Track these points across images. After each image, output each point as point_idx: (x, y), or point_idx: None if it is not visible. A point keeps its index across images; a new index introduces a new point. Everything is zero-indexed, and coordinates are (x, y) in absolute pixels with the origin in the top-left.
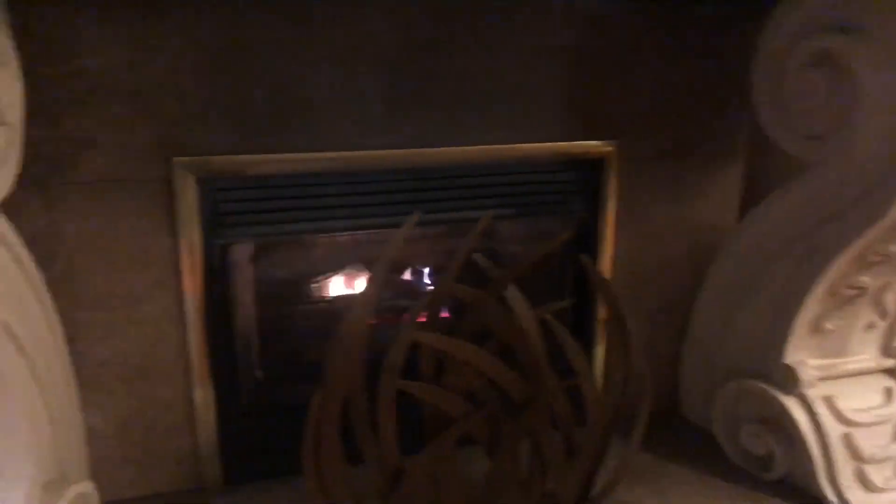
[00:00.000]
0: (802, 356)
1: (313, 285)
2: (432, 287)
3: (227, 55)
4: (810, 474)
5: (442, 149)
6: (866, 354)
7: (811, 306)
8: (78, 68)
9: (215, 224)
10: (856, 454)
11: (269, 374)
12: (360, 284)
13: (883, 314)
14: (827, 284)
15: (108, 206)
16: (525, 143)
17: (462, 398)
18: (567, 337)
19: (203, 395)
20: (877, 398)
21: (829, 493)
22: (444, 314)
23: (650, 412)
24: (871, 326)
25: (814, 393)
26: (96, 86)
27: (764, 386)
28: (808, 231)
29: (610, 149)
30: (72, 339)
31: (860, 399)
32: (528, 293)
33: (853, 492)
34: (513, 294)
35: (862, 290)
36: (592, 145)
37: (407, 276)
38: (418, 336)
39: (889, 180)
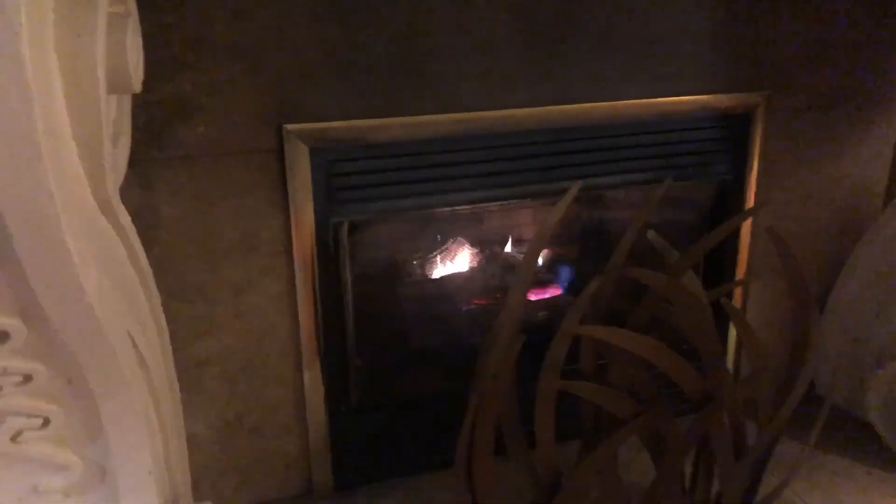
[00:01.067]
0: None
1: (420, 263)
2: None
3: (344, 3)
4: None
5: (582, 105)
6: None
7: None
8: (174, 20)
9: (330, 200)
10: None
11: (383, 366)
12: (466, 261)
13: None
14: None
15: (210, 182)
16: (670, 96)
17: (629, 398)
18: (748, 327)
19: (314, 392)
20: None
21: None
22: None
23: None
24: None
25: None
26: (195, 40)
27: None
28: None
29: (758, 102)
30: (170, 337)
31: None
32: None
33: None
34: (693, 282)
35: None
36: (741, 98)
37: (511, 250)
38: (584, 330)
39: None
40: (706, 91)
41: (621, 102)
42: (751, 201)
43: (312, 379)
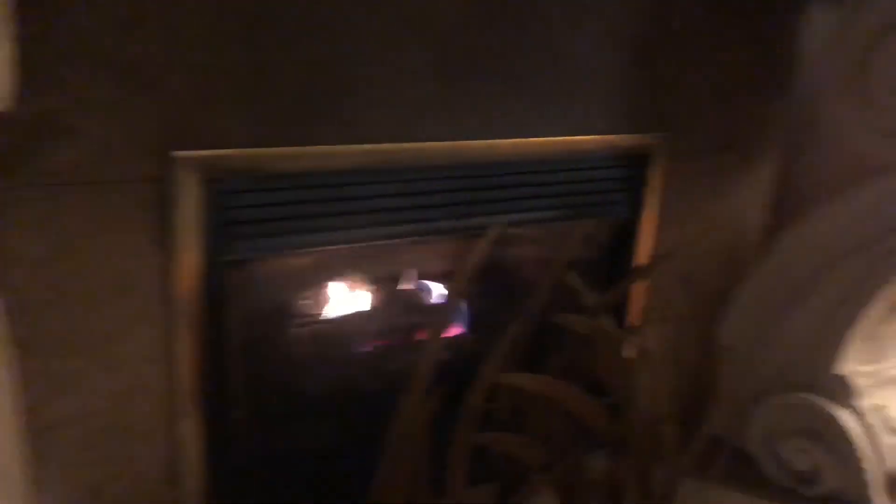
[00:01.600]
0: (852, 365)
1: (316, 304)
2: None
3: (250, 20)
4: (862, 488)
5: (493, 141)
6: None
7: (871, 313)
8: (46, 29)
9: (223, 236)
10: None
11: (273, 418)
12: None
13: None
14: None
15: (79, 215)
16: (577, 135)
17: (544, 448)
18: (658, 372)
19: (191, 451)
20: None
21: None
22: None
23: None
24: None
25: (866, 403)
26: (71, 54)
27: (813, 398)
28: (880, 235)
29: (656, 143)
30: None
31: None
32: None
33: None
34: (610, 325)
35: None
36: (641, 139)
37: (412, 287)
38: (509, 379)
39: None
40: (610, 131)
41: (531, 140)
42: (646, 240)
43: (189, 439)
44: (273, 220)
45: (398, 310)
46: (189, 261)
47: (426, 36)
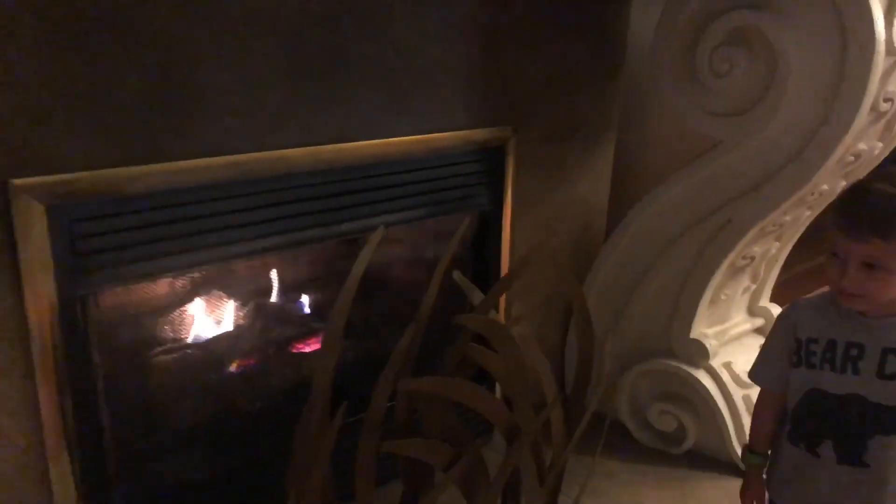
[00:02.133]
0: (702, 328)
1: (182, 328)
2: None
3: (83, 26)
4: (720, 439)
5: (354, 143)
6: (740, 317)
7: (716, 280)
8: None
9: (76, 268)
10: None
11: (150, 455)
12: (232, 318)
13: (755, 279)
14: (733, 257)
15: None
16: (435, 132)
17: (446, 446)
18: (541, 358)
19: (68, 499)
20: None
21: (740, 452)
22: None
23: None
24: (745, 290)
25: (716, 362)
26: None
27: (673, 363)
28: (717, 207)
29: (509, 135)
30: None
31: (746, 360)
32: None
33: None
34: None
35: (752, 259)
36: (494, 131)
37: (277, 300)
38: (407, 384)
39: (806, 152)
40: (466, 126)
41: (392, 139)
42: (507, 229)
43: (63, 487)
44: (128, 246)
45: (269, 324)
46: (41, 299)
47: (271, 37)
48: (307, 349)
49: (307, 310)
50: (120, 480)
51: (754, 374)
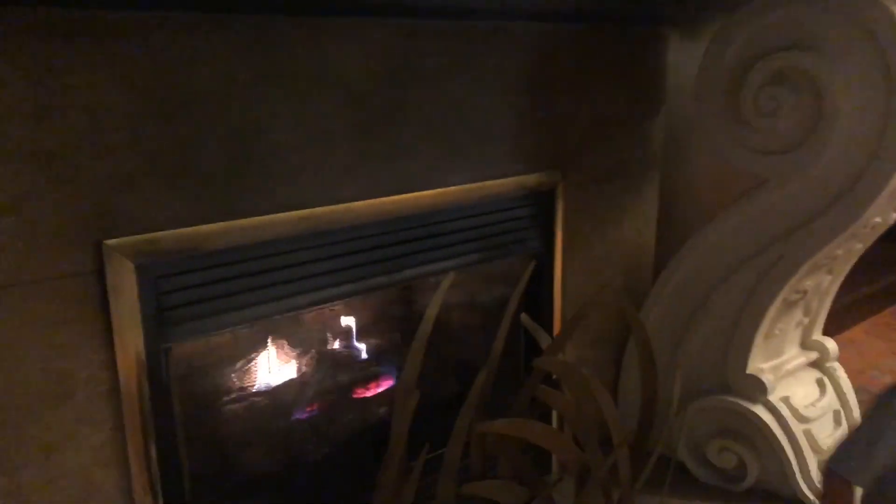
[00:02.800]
0: (757, 363)
1: (253, 378)
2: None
3: (166, 96)
4: (782, 476)
5: (415, 193)
6: (794, 351)
7: (771, 314)
8: None
9: (160, 323)
10: (816, 448)
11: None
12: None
13: (807, 312)
14: (787, 292)
15: (8, 322)
16: (489, 180)
17: (518, 488)
18: (608, 400)
19: None
20: (814, 391)
21: (805, 488)
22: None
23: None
24: (798, 324)
25: (774, 397)
26: None
27: (730, 399)
28: (768, 244)
29: (558, 179)
30: None
31: (804, 394)
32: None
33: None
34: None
35: (804, 293)
36: (545, 176)
37: (337, 346)
38: (485, 427)
39: (857, 187)
40: (518, 172)
41: (449, 188)
42: (558, 270)
43: None
44: (209, 299)
45: (331, 371)
46: (130, 352)
47: (339, 98)
48: (369, 394)
49: (365, 355)
50: None
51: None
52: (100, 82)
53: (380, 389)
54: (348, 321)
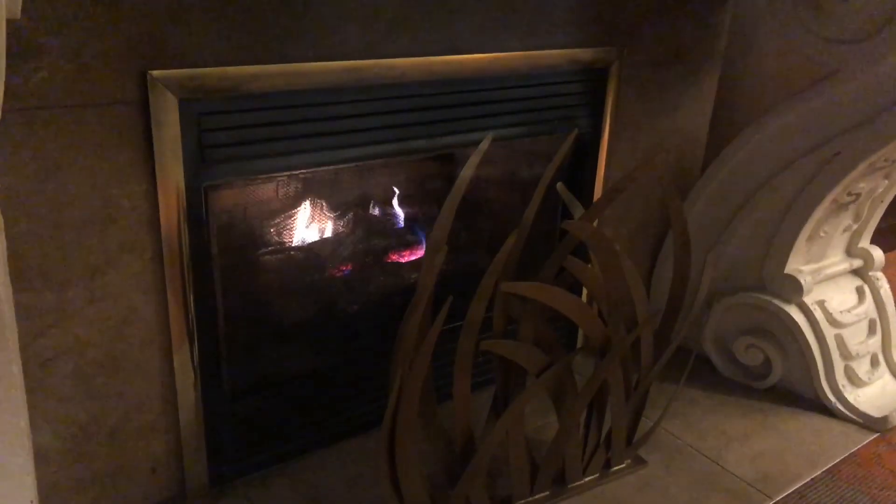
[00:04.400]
0: (797, 264)
1: (288, 230)
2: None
3: None
4: (807, 377)
5: (464, 56)
6: (838, 257)
7: (818, 214)
8: None
9: (201, 161)
10: (845, 353)
11: (255, 345)
12: (334, 225)
13: (857, 218)
14: (839, 192)
15: (56, 141)
16: (541, 49)
17: (540, 352)
18: (636, 278)
19: (184, 381)
20: (852, 298)
21: (828, 391)
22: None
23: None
24: (846, 230)
25: (810, 299)
26: None
27: (764, 297)
28: (828, 139)
29: (614, 57)
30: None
31: (840, 300)
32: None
33: (847, 389)
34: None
35: (857, 196)
36: (600, 52)
37: (376, 210)
38: (509, 287)
39: None
40: (571, 45)
41: (499, 55)
42: (604, 153)
43: (182, 366)
44: (250, 142)
45: (368, 233)
46: (171, 186)
47: None
48: (402, 260)
49: (402, 223)
50: (230, 366)
51: None
52: None
53: (413, 257)
54: (389, 186)
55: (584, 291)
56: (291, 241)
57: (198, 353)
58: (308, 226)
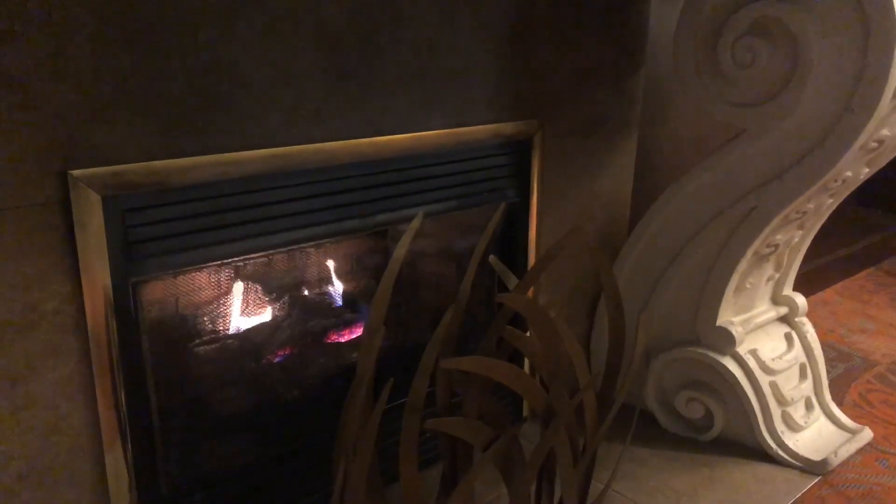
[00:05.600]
0: (728, 316)
1: (222, 318)
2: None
3: (137, 24)
4: (748, 426)
5: (390, 136)
6: (764, 306)
7: (741, 267)
8: None
9: (128, 257)
10: (781, 399)
11: (193, 441)
12: (269, 309)
13: (778, 267)
14: (758, 244)
15: None
16: (466, 126)
17: (486, 426)
18: (575, 345)
19: (118, 484)
20: (782, 345)
21: (768, 439)
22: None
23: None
24: (769, 279)
25: (743, 349)
26: None
27: (699, 350)
28: (742, 195)
29: (535, 128)
30: None
31: (771, 347)
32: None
33: (786, 434)
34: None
35: (775, 247)
36: (522, 125)
37: (311, 292)
38: (450, 363)
39: (828, 140)
40: (495, 120)
41: (425, 133)
42: (534, 221)
43: (116, 469)
44: (178, 234)
45: (304, 315)
46: (97, 286)
47: (312, 35)
48: (342, 339)
49: (340, 301)
50: (168, 465)
51: None
52: (66, 3)
53: (354, 335)
54: (323, 267)
55: (526, 363)
56: (227, 330)
57: (132, 453)
58: (243, 312)
